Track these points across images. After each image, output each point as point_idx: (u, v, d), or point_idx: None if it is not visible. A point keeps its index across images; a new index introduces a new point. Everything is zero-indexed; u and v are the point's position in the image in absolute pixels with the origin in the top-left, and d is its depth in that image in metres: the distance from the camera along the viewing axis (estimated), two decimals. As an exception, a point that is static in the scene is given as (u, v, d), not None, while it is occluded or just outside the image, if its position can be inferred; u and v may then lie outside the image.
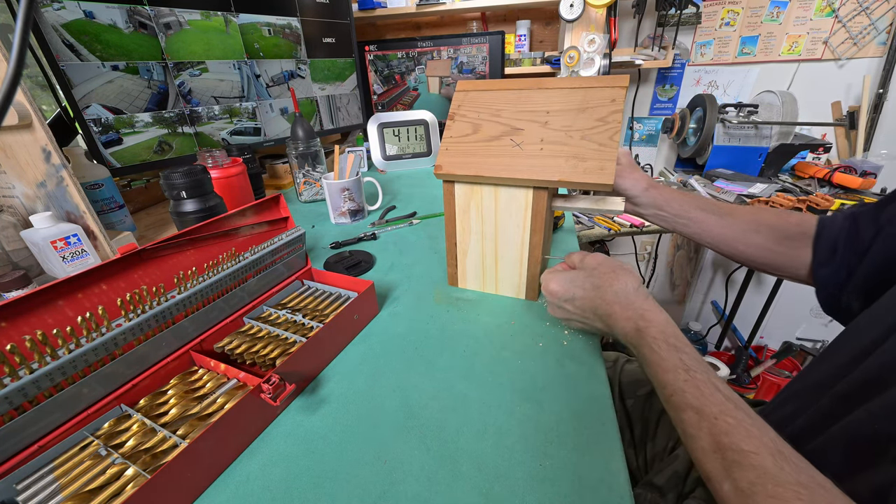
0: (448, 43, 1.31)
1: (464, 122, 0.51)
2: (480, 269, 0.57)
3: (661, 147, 1.69)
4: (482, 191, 0.51)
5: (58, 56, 0.69)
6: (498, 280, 0.57)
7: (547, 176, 0.44)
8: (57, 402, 0.33)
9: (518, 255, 0.53)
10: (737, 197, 1.22)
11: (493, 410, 0.39)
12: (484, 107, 0.51)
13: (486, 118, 0.50)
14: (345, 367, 0.46)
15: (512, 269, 0.55)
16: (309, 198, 0.99)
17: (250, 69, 0.97)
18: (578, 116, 0.45)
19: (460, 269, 0.59)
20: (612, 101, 0.44)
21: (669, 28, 1.42)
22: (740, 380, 1.44)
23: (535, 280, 0.54)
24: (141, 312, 0.39)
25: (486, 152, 0.48)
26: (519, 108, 0.49)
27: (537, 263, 0.52)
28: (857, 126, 1.33)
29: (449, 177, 0.50)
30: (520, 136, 0.47)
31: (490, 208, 0.51)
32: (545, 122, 0.47)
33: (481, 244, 0.55)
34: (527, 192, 0.48)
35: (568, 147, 0.45)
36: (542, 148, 0.46)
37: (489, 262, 0.56)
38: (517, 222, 0.50)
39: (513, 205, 0.49)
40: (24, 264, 0.58)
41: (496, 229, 0.52)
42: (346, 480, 0.34)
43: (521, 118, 0.48)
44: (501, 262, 0.55)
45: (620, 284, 0.41)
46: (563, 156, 0.44)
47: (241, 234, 0.52)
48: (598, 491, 0.32)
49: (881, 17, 1.31)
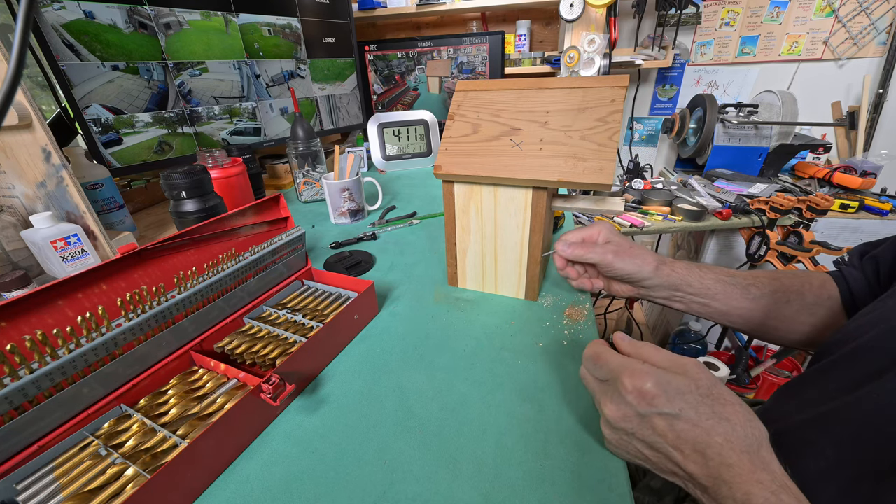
0: (448, 43, 1.31)
1: (463, 122, 0.51)
2: (480, 269, 0.57)
3: (661, 147, 1.69)
4: (482, 191, 0.51)
5: (58, 56, 0.69)
6: (497, 280, 0.57)
7: (546, 176, 0.44)
8: (57, 402, 0.33)
9: (517, 255, 0.53)
10: (737, 197, 1.22)
11: (493, 410, 0.39)
12: (484, 107, 0.51)
13: (486, 118, 0.50)
14: (345, 367, 0.46)
15: (511, 269, 0.55)
16: (309, 198, 0.99)
17: (250, 69, 0.97)
18: (578, 116, 0.45)
19: (460, 269, 0.59)
20: (612, 101, 0.44)
21: (669, 28, 1.43)
22: (740, 380, 1.44)
23: (535, 280, 0.54)
24: (141, 312, 0.38)
25: (485, 152, 0.48)
26: (518, 108, 0.49)
27: (537, 263, 0.52)
28: (857, 126, 1.33)
29: (448, 177, 0.50)
30: (519, 136, 0.47)
31: (489, 208, 0.51)
32: (545, 122, 0.47)
33: (481, 244, 0.55)
34: (526, 192, 0.48)
35: (567, 147, 0.45)
36: (541, 148, 0.46)
37: (489, 262, 0.56)
38: (517, 222, 0.50)
39: (512, 205, 0.50)
40: (24, 264, 0.58)
41: (495, 229, 0.52)
42: (346, 480, 0.34)
43: (521, 118, 0.48)
44: (501, 262, 0.55)
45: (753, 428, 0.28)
46: (563, 156, 0.44)
47: (241, 234, 0.52)
48: (598, 491, 0.32)
49: (881, 17, 1.31)
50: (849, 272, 0.44)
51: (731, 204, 1.20)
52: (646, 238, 1.86)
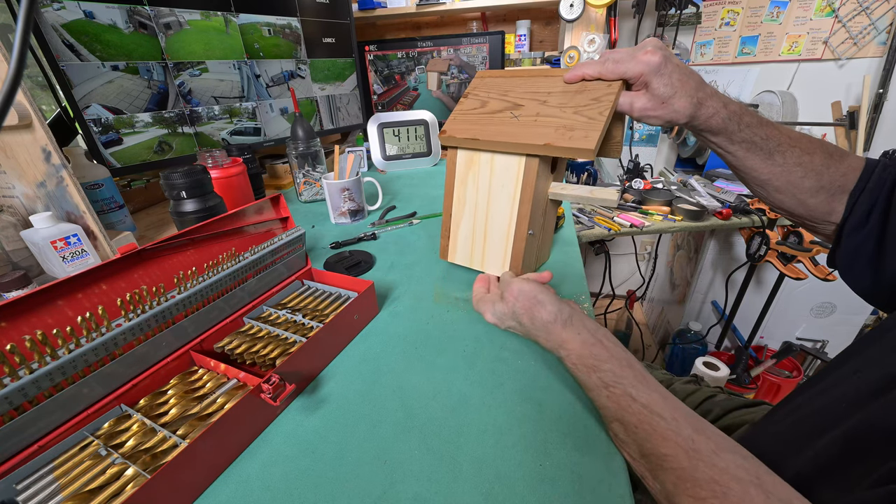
0: (448, 43, 1.31)
1: (475, 100, 0.56)
2: (470, 243, 0.59)
3: (661, 147, 1.69)
4: (480, 159, 0.54)
5: (58, 56, 0.69)
6: (485, 255, 0.58)
7: (535, 140, 0.47)
8: (57, 402, 0.33)
9: (505, 229, 0.55)
10: (737, 197, 1.22)
11: (493, 410, 0.39)
12: (495, 88, 0.56)
13: (495, 96, 0.55)
14: (345, 367, 0.46)
15: (498, 243, 0.56)
16: (309, 198, 0.99)
17: (250, 69, 0.97)
18: (575, 96, 0.48)
19: (451, 241, 0.61)
20: (609, 86, 0.46)
21: (669, 28, 1.42)
22: (740, 380, 1.44)
23: (519, 258, 0.55)
24: (141, 312, 0.39)
25: (486, 122, 0.53)
26: (525, 90, 0.53)
27: (522, 240, 0.53)
28: (857, 126, 1.33)
29: (451, 141, 0.55)
30: (519, 111, 0.51)
31: (485, 177, 0.55)
32: (544, 101, 0.50)
33: (473, 216, 0.57)
34: (519, 160, 0.51)
35: (559, 119, 0.48)
36: (536, 119, 0.49)
37: (478, 236, 0.58)
38: (508, 193, 0.53)
39: (506, 175, 0.52)
40: (24, 264, 0.58)
41: (489, 201, 0.55)
42: (346, 480, 0.34)
43: (525, 97, 0.52)
44: (490, 236, 0.57)
45: (539, 320, 0.42)
46: (553, 126, 0.47)
47: (241, 234, 0.52)
48: (598, 491, 0.32)
49: (881, 17, 1.31)
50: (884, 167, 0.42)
51: (731, 204, 1.20)
52: (646, 238, 1.86)
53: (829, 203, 0.44)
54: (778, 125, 0.45)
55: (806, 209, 0.46)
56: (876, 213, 0.41)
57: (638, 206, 1.24)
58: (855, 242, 0.42)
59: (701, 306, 1.83)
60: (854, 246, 0.43)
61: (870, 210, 0.41)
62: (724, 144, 0.45)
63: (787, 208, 0.47)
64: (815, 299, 1.55)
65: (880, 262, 0.40)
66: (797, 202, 0.46)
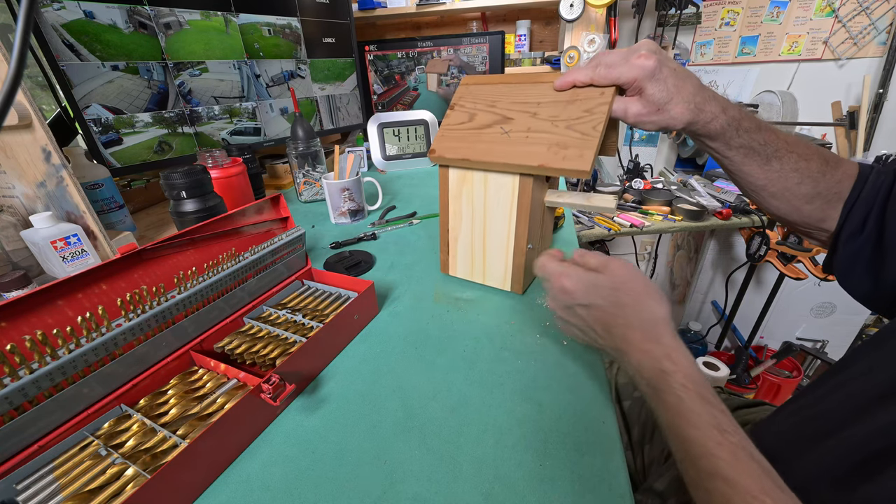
0: (448, 43, 1.31)
1: (461, 112, 0.54)
2: (470, 257, 0.59)
3: (661, 147, 1.69)
4: (473, 177, 0.53)
5: (58, 56, 0.69)
6: (486, 270, 0.58)
7: (528, 161, 0.46)
8: (57, 402, 0.33)
9: (504, 244, 0.54)
10: (737, 197, 1.22)
11: (493, 410, 0.39)
12: (482, 98, 0.53)
13: (482, 108, 0.52)
14: (345, 367, 0.46)
15: (498, 258, 0.56)
16: (309, 198, 0.99)
17: (250, 69, 0.97)
18: (567, 107, 0.46)
19: (451, 255, 0.60)
20: (601, 94, 0.45)
21: (669, 28, 1.42)
22: (740, 380, 1.44)
23: (520, 271, 0.54)
24: (141, 312, 0.39)
25: (476, 138, 0.51)
26: (513, 100, 0.51)
27: (522, 254, 0.53)
28: (857, 126, 1.33)
29: (441, 160, 0.53)
30: (509, 125, 0.49)
31: (480, 195, 0.53)
32: (534, 113, 0.48)
33: (471, 231, 0.56)
34: (514, 179, 0.49)
35: (551, 135, 0.46)
36: (527, 136, 0.47)
37: (478, 251, 0.57)
38: (504, 211, 0.52)
39: (501, 193, 0.51)
40: (24, 264, 0.58)
41: (485, 217, 0.54)
42: (346, 480, 0.34)
43: (514, 108, 0.50)
44: (489, 251, 0.56)
45: (649, 311, 0.36)
46: (546, 143, 0.46)
47: (241, 234, 0.52)
48: (598, 491, 0.32)
49: (881, 17, 1.31)
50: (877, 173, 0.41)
51: (731, 204, 1.20)
52: (646, 238, 1.86)
53: (823, 210, 0.44)
54: (776, 129, 0.44)
55: (801, 215, 0.45)
56: (872, 220, 0.41)
57: (638, 206, 1.24)
58: (852, 249, 0.42)
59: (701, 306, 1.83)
60: (851, 252, 0.42)
61: (865, 217, 0.41)
62: (721, 149, 0.44)
63: (782, 214, 0.46)
64: (815, 299, 1.55)
65: (880, 267, 0.40)
66: (792, 208, 0.45)
